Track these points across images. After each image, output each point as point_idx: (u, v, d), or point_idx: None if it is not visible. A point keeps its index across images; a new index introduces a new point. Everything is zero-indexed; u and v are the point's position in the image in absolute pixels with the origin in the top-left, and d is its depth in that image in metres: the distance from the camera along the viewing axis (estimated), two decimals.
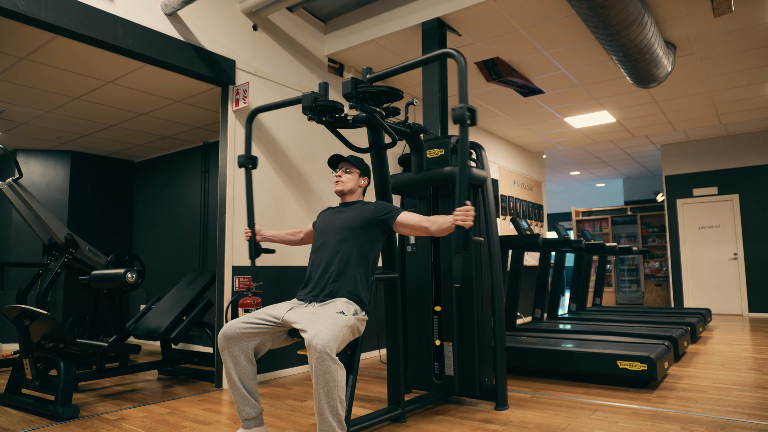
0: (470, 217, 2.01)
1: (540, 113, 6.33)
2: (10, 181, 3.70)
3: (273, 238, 2.82)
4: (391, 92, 2.31)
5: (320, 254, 2.37)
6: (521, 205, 7.79)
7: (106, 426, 2.63)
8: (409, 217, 2.34)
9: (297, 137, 4.15)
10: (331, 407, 1.86)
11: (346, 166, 2.51)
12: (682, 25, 4.12)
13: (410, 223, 2.32)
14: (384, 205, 2.41)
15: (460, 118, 2.01)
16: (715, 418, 2.60)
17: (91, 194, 5.90)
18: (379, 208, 2.40)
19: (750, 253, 7.86)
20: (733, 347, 4.82)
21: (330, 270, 2.29)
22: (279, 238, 2.82)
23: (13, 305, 2.92)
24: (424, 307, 3.04)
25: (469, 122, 2.01)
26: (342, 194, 2.52)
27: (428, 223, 2.24)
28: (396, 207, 2.42)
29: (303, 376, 3.88)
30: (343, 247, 2.31)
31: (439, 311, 3.00)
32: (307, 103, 2.41)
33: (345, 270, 2.27)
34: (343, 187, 2.49)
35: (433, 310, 3.02)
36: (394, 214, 2.36)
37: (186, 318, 3.80)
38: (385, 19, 4.09)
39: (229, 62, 3.71)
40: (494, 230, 2.93)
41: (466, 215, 2.01)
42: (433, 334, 3.00)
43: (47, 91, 4.09)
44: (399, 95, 2.35)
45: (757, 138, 7.93)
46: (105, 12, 3.04)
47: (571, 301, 6.68)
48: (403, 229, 2.36)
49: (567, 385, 3.39)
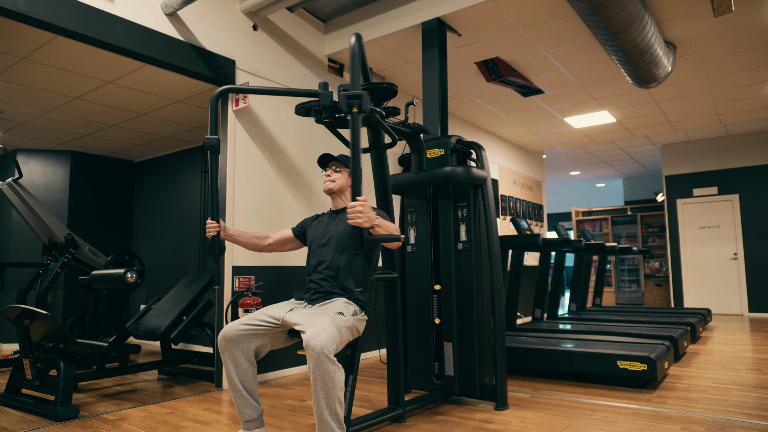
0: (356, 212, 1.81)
1: (540, 113, 6.33)
2: (10, 181, 3.70)
3: (238, 238, 2.53)
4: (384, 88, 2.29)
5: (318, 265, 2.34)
6: (521, 205, 7.79)
7: (106, 426, 2.63)
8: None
9: (297, 137, 4.15)
10: (330, 408, 1.86)
11: (336, 165, 2.48)
12: (682, 25, 4.12)
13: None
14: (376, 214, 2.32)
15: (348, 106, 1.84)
16: (715, 418, 2.60)
17: (91, 194, 5.90)
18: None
19: (750, 253, 7.86)
20: (733, 347, 4.82)
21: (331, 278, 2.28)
22: (243, 240, 2.54)
23: (13, 305, 2.92)
24: (424, 308, 3.04)
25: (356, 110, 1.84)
26: (331, 193, 2.47)
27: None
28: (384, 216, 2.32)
29: (303, 376, 3.88)
30: (341, 260, 2.29)
31: (439, 312, 3.00)
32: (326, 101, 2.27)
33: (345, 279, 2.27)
34: (332, 186, 2.44)
35: (433, 311, 3.02)
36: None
37: (186, 318, 3.80)
38: (385, 19, 4.09)
39: (229, 62, 3.71)
40: (494, 230, 2.93)
41: (354, 212, 1.82)
42: (432, 334, 3.00)
43: (47, 91, 4.09)
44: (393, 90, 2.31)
45: (757, 138, 7.93)
46: (105, 12, 3.04)
47: (571, 301, 6.68)
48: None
49: (567, 385, 3.39)
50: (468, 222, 2.97)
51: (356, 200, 1.84)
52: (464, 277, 2.94)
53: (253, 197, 3.76)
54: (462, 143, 3.06)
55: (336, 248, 2.33)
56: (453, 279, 2.95)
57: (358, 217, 1.81)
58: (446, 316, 2.95)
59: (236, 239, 2.53)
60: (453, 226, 3.00)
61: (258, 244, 2.56)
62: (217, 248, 2.39)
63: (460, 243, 2.98)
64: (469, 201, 2.98)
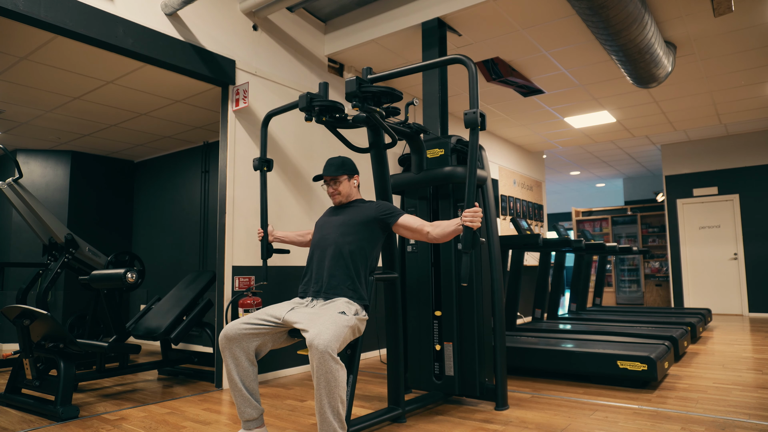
0: (478, 218, 2.05)
1: (540, 113, 6.33)
2: (10, 181, 3.70)
3: (284, 239, 2.87)
4: (392, 93, 2.32)
5: (319, 249, 2.38)
6: (521, 205, 7.79)
7: (106, 426, 2.63)
8: (411, 220, 2.35)
9: (297, 137, 4.15)
10: (332, 407, 1.87)
11: (331, 178, 2.49)
12: (682, 25, 4.12)
13: (412, 226, 2.33)
14: (386, 206, 2.43)
15: (471, 122, 2.03)
16: (716, 418, 2.60)
17: (91, 194, 5.90)
18: (382, 207, 2.41)
19: (750, 253, 7.86)
20: (734, 347, 4.82)
21: (329, 265, 2.30)
22: (290, 239, 2.86)
23: (13, 305, 2.92)
24: (424, 307, 3.04)
25: (480, 127, 2.04)
26: (341, 204, 2.53)
27: (430, 228, 2.26)
28: (399, 209, 2.43)
29: (303, 376, 3.88)
30: (342, 242, 2.32)
31: (439, 315, 3.00)
32: (303, 104, 2.43)
33: (344, 266, 2.28)
34: (341, 198, 2.50)
35: (434, 311, 3.02)
36: (396, 215, 2.38)
37: (186, 318, 3.80)
38: (385, 19, 4.09)
39: (229, 62, 3.71)
40: (494, 230, 2.93)
41: (475, 216, 2.04)
42: (433, 334, 3.00)
43: (47, 91, 4.09)
44: (399, 96, 2.35)
45: (757, 138, 7.93)
46: (105, 12, 3.04)
47: (571, 301, 6.68)
48: (404, 231, 2.37)
49: (567, 385, 3.39)
50: None
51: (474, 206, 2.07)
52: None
53: (254, 197, 3.76)
54: (462, 143, 3.06)
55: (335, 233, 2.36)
56: (453, 279, 2.95)
57: (477, 220, 2.04)
58: (446, 316, 2.95)
59: (283, 240, 2.88)
60: None
61: (302, 241, 2.85)
62: (264, 251, 2.85)
63: (460, 243, 2.98)
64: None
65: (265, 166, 2.93)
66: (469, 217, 2.04)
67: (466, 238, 2.05)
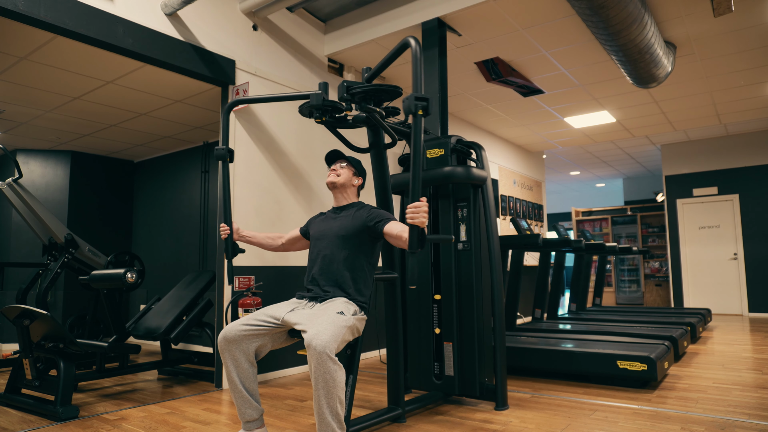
0: (421, 213, 1.82)
1: (540, 113, 6.33)
2: (10, 181, 3.70)
3: (251, 239, 2.66)
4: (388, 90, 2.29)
5: (317, 263, 2.34)
6: (521, 205, 7.79)
7: (106, 426, 2.63)
8: (393, 227, 2.21)
9: (297, 137, 4.15)
10: (331, 407, 1.86)
11: (343, 161, 2.49)
12: (682, 25, 4.12)
13: (392, 233, 2.20)
14: (377, 213, 2.32)
15: (409, 110, 1.85)
16: (715, 418, 2.60)
17: (91, 194, 5.90)
18: (372, 215, 2.31)
19: (750, 253, 7.86)
20: (733, 347, 4.82)
21: (328, 265, 2.29)
22: (257, 240, 2.67)
23: (13, 305, 2.92)
24: (424, 308, 3.04)
25: (421, 113, 1.85)
26: (334, 187, 2.45)
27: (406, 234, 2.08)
28: (390, 216, 2.32)
29: (303, 376, 3.88)
30: (340, 255, 2.29)
31: (439, 312, 3.00)
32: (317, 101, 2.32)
33: (343, 266, 2.27)
34: (336, 180, 2.43)
35: (434, 310, 3.02)
36: (384, 223, 2.27)
37: (186, 318, 3.80)
38: (385, 19, 4.09)
39: (229, 62, 3.71)
40: (494, 230, 2.93)
41: (416, 212, 1.82)
42: (433, 334, 3.00)
43: (47, 91, 4.09)
44: (399, 92, 2.32)
45: (757, 138, 7.93)
46: (105, 12, 3.04)
47: (571, 301, 6.69)
48: (389, 239, 2.26)
49: (567, 385, 3.39)
50: (468, 222, 2.97)
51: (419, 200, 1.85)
52: (464, 277, 2.94)
53: (254, 197, 3.76)
54: (462, 143, 3.06)
55: (334, 243, 2.33)
56: (453, 279, 2.95)
57: (422, 217, 1.82)
58: (446, 316, 2.95)
59: (250, 240, 2.67)
60: (453, 226, 3.00)
61: (271, 244, 2.68)
62: (230, 250, 2.56)
63: (460, 243, 2.98)
64: (469, 201, 2.98)
65: (228, 156, 2.66)
66: (410, 213, 1.83)
67: (411, 236, 1.84)
